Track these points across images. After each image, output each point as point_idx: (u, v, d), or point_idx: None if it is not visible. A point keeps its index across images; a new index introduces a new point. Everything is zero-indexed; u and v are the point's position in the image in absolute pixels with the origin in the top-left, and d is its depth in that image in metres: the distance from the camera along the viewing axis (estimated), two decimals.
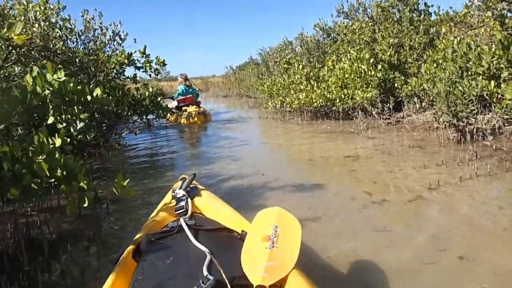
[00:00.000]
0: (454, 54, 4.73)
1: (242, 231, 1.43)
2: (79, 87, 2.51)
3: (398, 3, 7.02)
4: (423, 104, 5.39)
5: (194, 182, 1.90)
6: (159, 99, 5.90)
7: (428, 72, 5.33)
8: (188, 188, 1.76)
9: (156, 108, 5.92)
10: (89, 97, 2.59)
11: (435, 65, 5.31)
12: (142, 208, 2.96)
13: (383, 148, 4.29)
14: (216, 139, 6.22)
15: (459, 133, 4.18)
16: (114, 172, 4.47)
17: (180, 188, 1.74)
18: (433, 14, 6.94)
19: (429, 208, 2.56)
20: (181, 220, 1.39)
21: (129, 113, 5.81)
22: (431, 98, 4.91)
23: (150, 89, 6.10)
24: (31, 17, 3.74)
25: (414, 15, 6.81)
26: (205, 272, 1.07)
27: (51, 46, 4.28)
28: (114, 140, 5.72)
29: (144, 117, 6.31)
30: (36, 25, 3.70)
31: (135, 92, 6.11)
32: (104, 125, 5.46)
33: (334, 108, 6.43)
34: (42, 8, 3.97)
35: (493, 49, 4.38)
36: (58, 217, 2.88)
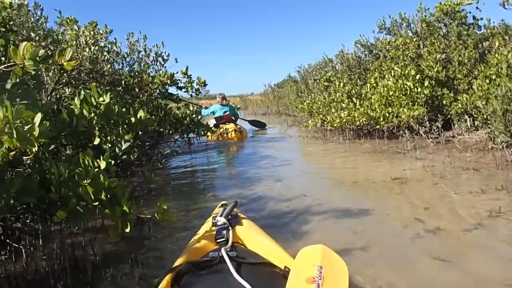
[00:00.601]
0: (509, 69, 4.44)
1: (285, 267, 1.34)
2: (123, 109, 2.54)
3: (444, 18, 6.75)
4: (476, 122, 5.06)
5: (235, 209, 1.84)
6: (199, 117, 5.96)
7: (480, 88, 5.02)
8: (229, 216, 1.69)
9: (196, 126, 5.98)
10: (133, 119, 2.61)
11: (487, 81, 5.01)
12: (183, 231, 2.93)
13: (434, 170, 4.04)
14: (255, 158, 6.16)
15: None
16: (156, 192, 4.51)
17: (221, 215, 1.67)
18: (482, 27, 6.63)
19: (492, 238, 2.33)
20: (222, 250, 1.32)
21: (170, 132, 5.90)
22: (485, 116, 4.60)
23: (191, 108, 6.18)
24: (82, 41, 3.89)
25: (462, 28, 6.52)
26: None
27: (99, 69, 4.44)
28: (156, 159, 5.81)
29: (185, 136, 6.39)
30: (87, 49, 3.85)
31: (177, 111, 6.22)
32: (147, 144, 5.56)
33: (378, 126, 6.20)
34: (92, 33, 4.13)
35: None
36: (102, 237, 2.90)
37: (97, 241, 2.83)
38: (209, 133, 6.93)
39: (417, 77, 6.02)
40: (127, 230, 1.86)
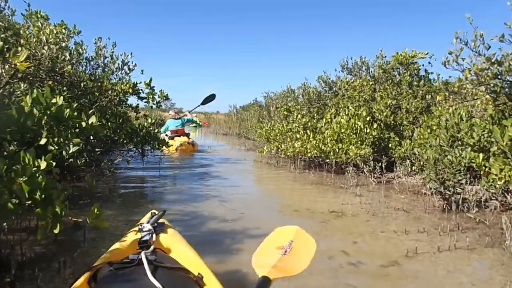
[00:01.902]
0: (447, 123, 4.87)
1: (199, 273, 1.46)
2: (75, 113, 2.58)
3: (399, 67, 7.29)
4: (413, 168, 5.46)
5: (163, 219, 1.94)
6: (156, 130, 5.99)
7: (421, 136, 5.45)
8: (155, 224, 1.79)
9: (152, 139, 5.99)
10: (84, 124, 2.66)
11: (429, 130, 5.44)
12: (120, 237, 2.94)
13: (369, 207, 4.31)
14: (206, 177, 6.25)
15: (445, 202, 4.21)
16: (101, 199, 4.48)
17: (147, 222, 1.76)
18: (432, 81, 7.20)
19: (402, 276, 2.55)
20: (142, 253, 1.41)
21: (125, 141, 5.88)
22: (422, 163, 4.99)
23: (149, 120, 6.20)
24: (43, 39, 3.89)
25: (413, 79, 7.06)
26: None
27: (59, 68, 4.42)
28: (106, 166, 5.75)
29: (140, 147, 6.37)
30: (46, 47, 3.85)
31: (135, 121, 6.21)
32: (98, 150, 5.50)
33: (328, 160, 6.50)
34: (55, 31, 4.14)
35: (484, 123, 4.52)
36: (33, 239, 2.86)
37: (28, 242, 2.79)
38: (165, 148, 6.96)
39: (368, 118, 6.41)
40: (56, 231, 1.90)
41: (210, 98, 11.11)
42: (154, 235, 1.63)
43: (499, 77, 4.42)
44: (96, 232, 3.05)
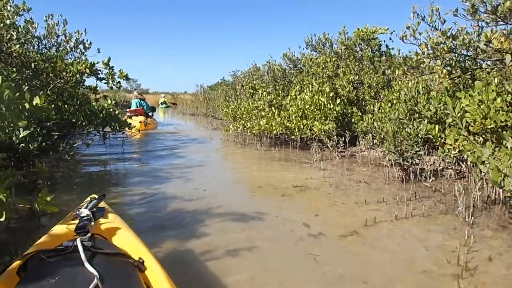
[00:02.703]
0: (405, 96, 4.98)
1: (140, 258, 1.42)
2: (17, 94, 2.43)
3: (361, 43, 7.35)
4: (375, 141, 5.59)
5: (103, 203, 1.88)
6: (117, 112, 5.80)
7: (382, 110, 5.57)
8: (95, 209, 1.73)
9: (113, 120, 5.81)
10: (27, 105, 2.52)
11: (389, 104, 5.56)
12: None
13: (332, 180, 4.39)
14: (171, 157, 6.16)
15: (404, 172, 4.35)
16: (59, 184, 4.32)
17: (85, 208, 1.70)
18: (393, 56, 7.32)
19: (360, 244, 2.63)
20: (78, 240, 1.36)
21: (84, 124, 5.67)
22: (382, 136, 5.11)
23: (109, 101, 5.99)
24: None
25: (374, 55, 7.15)
26: None
27: (5, 48, 4.16)
28: (65, 151, 5.54)
29: (101, 129, 6.17)
30: None
31: (94, 103, 5.99)
32: (55, 134, 5.29)
33: (293, 137, 6.55)
34: None
35: (440, 96, 4.65)
36: None
37: None
38: (127, 129, 6.78)
39: (331, 94, 6.47)
40: (1, 219, 1.80)
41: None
42: (92, 221, 1.57)
43: (454, 51, 4.54)
44: (52, 220, 2.94)
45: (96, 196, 1.91)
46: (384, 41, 7.45)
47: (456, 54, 4.63)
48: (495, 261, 2.33)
